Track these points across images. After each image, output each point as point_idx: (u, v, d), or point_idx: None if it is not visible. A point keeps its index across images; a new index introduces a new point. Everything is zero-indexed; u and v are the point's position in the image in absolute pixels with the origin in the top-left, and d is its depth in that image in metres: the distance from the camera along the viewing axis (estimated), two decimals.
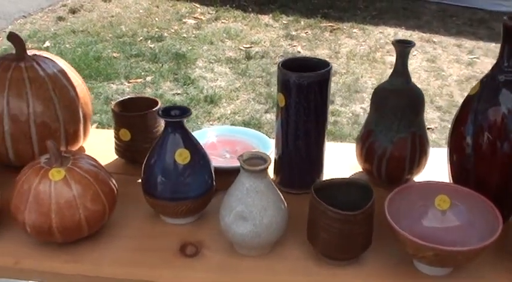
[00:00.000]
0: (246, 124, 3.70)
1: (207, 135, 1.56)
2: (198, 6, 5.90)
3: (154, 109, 1.44)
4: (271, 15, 5.59)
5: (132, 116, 1.44)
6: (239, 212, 1.14)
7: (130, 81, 4.29)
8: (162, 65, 4.55)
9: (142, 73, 4.43)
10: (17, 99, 1.39)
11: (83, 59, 4.54)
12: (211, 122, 3.74)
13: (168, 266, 1.18)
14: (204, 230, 1.28)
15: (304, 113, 1.30)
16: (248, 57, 4.71)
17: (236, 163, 1.43)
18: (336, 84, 4.20)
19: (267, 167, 1.13)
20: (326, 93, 1.31)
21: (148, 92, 4.12)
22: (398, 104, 1.34)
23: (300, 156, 1.35)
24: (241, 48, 4.90)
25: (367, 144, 1.38)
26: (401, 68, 1.35)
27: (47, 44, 4.99)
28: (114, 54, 4.76)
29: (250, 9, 5.73)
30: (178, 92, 4.15)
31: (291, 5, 5.82)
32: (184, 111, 1.23)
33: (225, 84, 4.29)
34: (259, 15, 5.60)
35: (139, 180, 1.41)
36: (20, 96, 1.39)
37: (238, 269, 1.18)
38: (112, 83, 4.24)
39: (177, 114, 1.23)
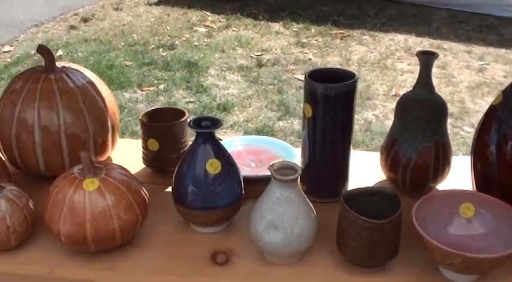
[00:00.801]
0: (259, 132, 3.72)
1: (233, 144, 1.58)
2: (209, 14, 5.94)
3: (182, 119, 1.47)
4: (281, 22, 5.62)
5: (160, 126, 1.47)
6: (270, 221, 1.17)
7: (143, 89, 4.32)
8: (175, 73, 4.58)
9: (155, 81, 4.46)
10: (48, 111, 1.41)
11: (96, 67, 4.58)
12: (224, 130, 3.76)
13: (200, 274, 1.21)
14: (234, 238, 1.31)
15: (331, 123, 1.33)
16: (259, 64, 4.74)
17: (262, 172, 1.46)
18: None
19: (298, 177, 1.16)
20: (352, 103, 1.34)
21: (162, 100, 4.15)
22: (422, 113, 1.37)
23: (327, 166, 1.38)
24: (253, 56, 4.92)
25: (392, 153, 1.40)
26: (425, 79, 1.38)
27: (60, 52, 5.03)
28: (127, 63, 4.80)
29: (260, 17, 5.77)
30: (191, 100, 4.18)
31: (301, 13, 5.85)
32: (215, 122, 1.26)
33: (237, 92, 4.31)
34: (270, 23, 5.63)
35: (167, 190, 1.45)
36: (51, 108, 1.42)
37: (268, 277, 1.20)
38: (125, 91, 4.27)
39: (207, 125, 1.26)
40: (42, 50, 1.49)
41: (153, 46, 5.16)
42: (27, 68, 4.71)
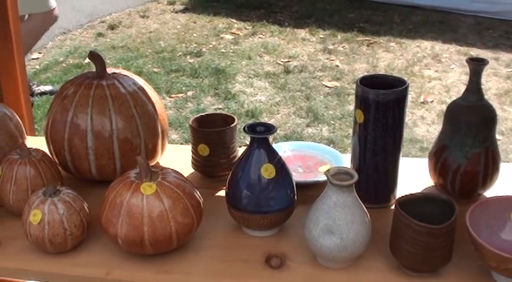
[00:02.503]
0: (287, 138, 3.74)
1: (281, 149, 1.60)
2: (235, 21, 5.97)
3: (232, 125, 1.49)
4: (307, 29, 5.64)
5: (211, 132, 1.49)
6: (326, 226, 1.18)
7: (172, 96, 4.35)
8: (203, 80, 4.61)
9: (183, 88, 4.49)
10: (101, 116, 1.44)
11: None
12: None
13: (255, 277, 1.22)
14: (286, 242, 1.32)
15: (382, 129, 1.34)
16: (287, 71, 4.76)
17: (310, 177, 1.48)
18: None
19: (355, 182, 1.17)
20: (403, 109, 1.35)
21: (190, 107, 4.18)
22: (472, 120, 1.37)
23: (377, 172, 1.39)
24: (280, 62, 4.94)
25: (441, 159, 1.41)
26: (475, 85, 1.38)
27: (88, 59, 5.08)
28: (155, 70, 4.84)
29: (286, 24, 5.79)
30: (220, 106, 4.21)
31: (327, 20, 5.86)
32: (269, 128, 1.28)
33: (265, 98, 4.33)
34: (296, 30, 5.65)
35: (217, 194, 1.47)
36: (103, 114, 1.44)
37: (322, 281, 1.22)
38: None
39: (262, 131, 1.28)
40: (94, 56, 1.52)
41: (180, 53, 5.20)
42: (56, 75, 4.77)
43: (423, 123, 3.92)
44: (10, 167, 1.41)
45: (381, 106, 1.32)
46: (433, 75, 4.70)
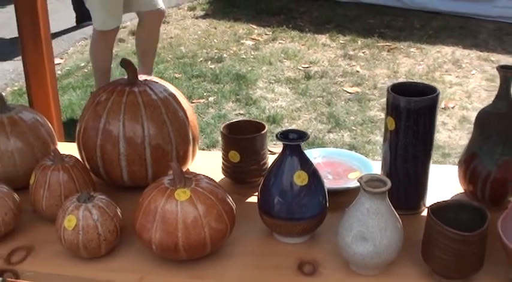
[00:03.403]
0: (309, 144, 3.73)
1: (312, 155, 1.61)
2: (255, 27, 5.98)
3: (262, 132, 1.50)
4: (327, 35, 5.64)
5: (242, 138, 1.50)
6: (360, 233, 1.19)
7: (193, 101, 4.37)
8: (224, 85, 4.63)
9: (205, 93, 4.51)
10: (133, 123, 1.46)
11: None
12: (274, 142, 3.79)
13: None
14: (318, 249, 1.33)
15: (414, 136, 1.35)
16: (307, 77, 4.76)
17: (340, 184, 1.49)
18: None
19: (388, 189, 1.18)
20: (434, 117, 1.35)
21: (212, 113, 4.19)
22: (503, 127, 1.38)
23: (408, 178, 1.40)
24: (300, 68, 4.95)
25: (471, 166, 1.42)
26: (505, 93, 1.39)
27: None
28: (176, 75, 4.86)
29: (306, 30, 5.79)
30: (241, 112, 4.22)
31: (347, 25, 5.86)
32: (302, 135, 1.29)
33: (286, 104, 4.34)
34: (316, 35, 5.65)
35: (247, 200, 1.48)
36: (136, 120, 1.46)
37: None
38: None
39: (294, 138, 1.29)
40: (126, 63, 1.54)
41: (201, 59, 5.21)
42: (78, 80, 4.80)
43: (444, 129, 3.90)
44: (43, 173, 1.43)
45: (413, 113, 1.33)
46: (454, 81, 4.68)
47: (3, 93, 1.84)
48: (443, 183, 1.55)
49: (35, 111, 1.68)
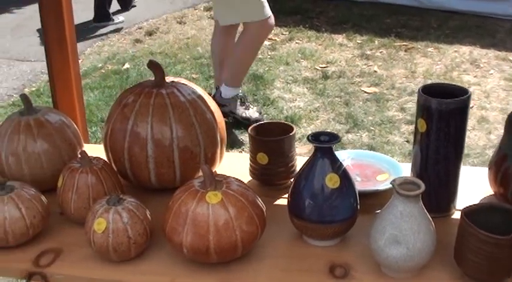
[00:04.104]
0: None
1: (340, 157, 1.59)
2: None
3: (291, 134, 1.50)
4: (344, 34, 5.62)
5: (270, 140, 1.50)
6: (393, 236, 1.18)
7: None
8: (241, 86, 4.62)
9: None
10: (161, 125, 1.45)
11: None
12: None
13: None
14: (348, 252, 1.32)
15: (445, 138, 1.34)
16: (325, 77, 4.75)
17: (369, 186, 1.48)
18: (414, 103, 4.20)
19: (422, 192, 1.17)
20: (465, 118, 1.34)
21: None
22: None
23: (439, 180, 1.39)
24: (317, 68, 4.94)
25: (502, 168, 1.40)
26: None
27: (127, 65, 5.13)
28: (193, 76, 4.86)
29: (323, 29, 5.77)
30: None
31: (363, 25, 5.84)
32: (333, 137, 1.28)
33: (304, 104, 4.33)
34: (333, 35, 5.64)
35: (276, 202, 1.47)
36: (164, 122, 1.45)
37: None
38: None
39: (326, 140, 1.28)
40: (153, 65, 1.53)
41: None
42: (95, 80, 4.81)
43: None
44: (71, 176, 1.43)
45: (444, 115, 1.32)
46: (472, 81, 4.65)
47: None
48: (473, 185, 1.54)
49: (61, 113, 1.67)
